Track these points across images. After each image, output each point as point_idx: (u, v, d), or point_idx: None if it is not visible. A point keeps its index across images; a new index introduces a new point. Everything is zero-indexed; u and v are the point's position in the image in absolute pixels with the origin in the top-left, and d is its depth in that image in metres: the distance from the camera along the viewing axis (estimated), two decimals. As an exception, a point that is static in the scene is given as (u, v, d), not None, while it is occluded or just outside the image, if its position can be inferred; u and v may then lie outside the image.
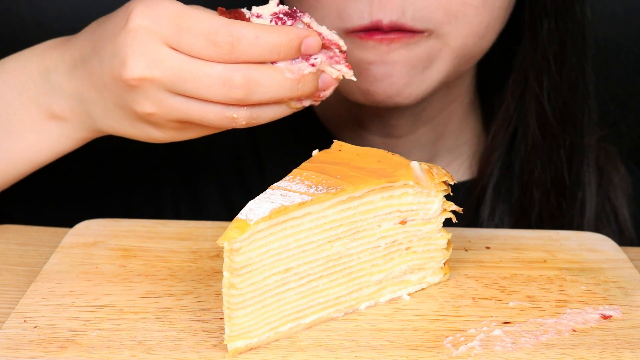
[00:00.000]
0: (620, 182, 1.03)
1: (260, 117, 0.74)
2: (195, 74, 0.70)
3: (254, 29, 0.70)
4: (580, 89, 0.98)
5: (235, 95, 0.70)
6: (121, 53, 0.72)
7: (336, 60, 0.75)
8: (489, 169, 1.00)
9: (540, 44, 0.96)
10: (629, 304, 0.72)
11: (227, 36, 0.69)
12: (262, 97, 0.71)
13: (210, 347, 0.65)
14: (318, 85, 0.74)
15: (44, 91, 0.79)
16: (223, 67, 0.70)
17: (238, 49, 0.70)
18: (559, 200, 0.98)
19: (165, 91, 0.72)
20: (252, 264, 0.64)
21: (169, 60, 0.71)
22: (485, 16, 0.88)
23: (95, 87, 0.75)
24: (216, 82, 0.70)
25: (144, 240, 0.79)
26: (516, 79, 0.98)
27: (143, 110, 0.73)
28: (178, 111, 0.73)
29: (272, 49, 0.71)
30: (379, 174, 0.69)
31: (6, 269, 0.78)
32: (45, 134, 0.80)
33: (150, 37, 0.71)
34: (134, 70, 0.71)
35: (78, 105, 0.78)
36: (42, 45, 0.81)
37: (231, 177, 1.03)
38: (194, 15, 0.70)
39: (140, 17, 0.71)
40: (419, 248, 0.73)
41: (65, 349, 0.64)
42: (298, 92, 0.73)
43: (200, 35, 0.70)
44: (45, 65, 0.79)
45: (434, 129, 1.01)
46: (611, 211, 1.01)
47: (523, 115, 0.98)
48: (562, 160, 0.97)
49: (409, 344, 0.66)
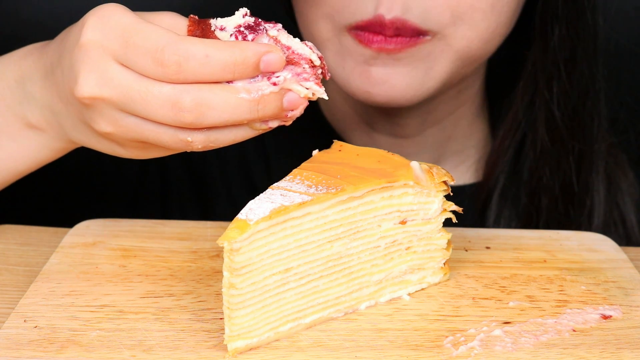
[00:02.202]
0: (628, 188, 1.02)
1: (219, 141, 0.68)
2: (143, 94, 0.65)
3: (204, 47, 0.65)
4: (590, 95, 0.97)
5: (184, 119, 0.65)
6: (75, 69, 0.68)
7: (305, 77, 0.68)
8: (495, 174, 1.00)
9: (551, 49, 0.95)
10: (629, 304, 0.72)
11: (173, 55, 0.64)
12: (216, 120, 0.66)
13: (210, 347, 0.65)
14: (283, 105, 0.67)
15: (20, 100, 0.76)
16: (171, 88, 0.65)
17: (186, 69, 0.64)
18: (567, 207, 0.98)
19: (119, 110, 0.68)
20: (252, 264, 0.64)
21: (117, 79, 0.66)
22: (492, 21, 0.87)
23: (62, 100, 0.72)
24: (164, 104, 0.65)
25: (144, 240, 0.79)
26: (526, 84, 0.97)
27: (100, 129, 0.69)
28: (133, 132, 0.68)
29: (224, 68, 0.65)
30: (379, 174, 0.69)
31: (6, 269, 0.78)
32: (24, 144, 0.77)
33: (100, 53, 0.67)
34: (84, 88, 0.67)
35: (51, 116, 0.75)
36: (20, 51, 0.78)
37: (238, 177, 1.03)
38: (142, 31, 0.65)
39: (91, 31, 0.67)
40: (419, 248, 0.73)
41: (65, 349, 0.64)
42: (258, 113, 0.66)
43: (147, 53, 0.65)
44: (21, 72, 0.76)
45: (442, 131, 1.01)
46: (619, 217, 1.01)
47: (532, 121, 0.97)
48: (571, 167, 0.97)
49: (409, 344, 0.66)
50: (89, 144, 0.74)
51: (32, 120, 0.76)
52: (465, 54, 0.88)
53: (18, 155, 0.78)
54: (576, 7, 0.95)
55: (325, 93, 0.68)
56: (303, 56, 0.67)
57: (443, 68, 0.88)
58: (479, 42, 0.88)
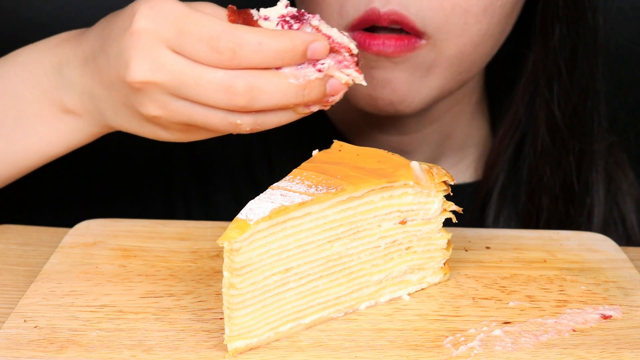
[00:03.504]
0: (628, 188, 1.02)
1: (265, 123, 0.72)
2: (197, 79, 0.69)
3: (257, 35, 0.69)
4: (591, 95, 0.97)
5: (237, 102, 0.69)
6: (125, 55, 0.71)
7: (345, 64, 0.72)
8: (495, 173, 1.00)
9: (551, 49, 0.95)
10: (629, 304, 0.72)
11: (228, 42, 0.68)
12: (266, 104, 0.70)
13: (210, 347, 0.65)
14: (326, 90, 0.72)
15: (57, 85, 0.78)
16: (225, 74, 0.69)
17: (240, 56, 0.68)
18: (567, 207, 0.98)
19: (169, 95, 0.71)
20: (252, 264, 0.64)
21: (171, 65, 0.70)
22: (484, 24, 0.87)
23: (104, 85, 0.75)
24: (218, 88, 0.69)
25: (144, 240, 0.79)
26: (526, 83, 0.97)
27: (148, 112, 0.72)
28: (182, 115, 0.72)
29: (275, 55, 0.69)
30: (379, 174, 0.69)
31: (6, 269, 0.78)
32: (58, 128, 0.79)
33: (153, 40, 0.70)
34: (136, 73, 0.70)
35: (89, 101, 0.77)
36: (55, 38, 0.81)
37: (243, 178, 1.03)
38: (197, 19, 0.69)
39: (144, 19, 0.70)
40: (419, 248, 0.73)
41: (65, 349, 0.64)
42: (304, 98, 0.71)
43: (201, 40, 0.69)
44: (58, 59, 0.79)
45: (441, 129, 1.01)
46: (619, 217, 1.01)
47: (533, 120, 0.97)
48: (572, 167, 0.97)
49: (409, 344, 0.66)
50: (129, 128, 0.77)
51: (69, 106, 0.78)
52: (458, 59, 0.88)
53: (51, 139, 0.80)
54: (577, 7, 0.94)
55: (364, 80, 0.73)
56: (343, 45, 0.72)
57: (439, 75, 0.88)
58: (470, 45, 0.88)
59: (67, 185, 1.01)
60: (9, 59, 0.82)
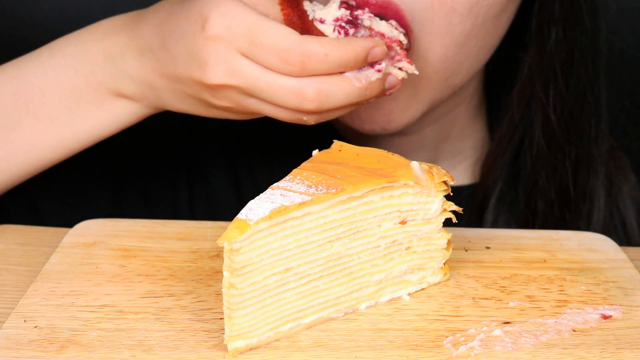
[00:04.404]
0: (629, 191, 1.02)
1: (328, 117, 0.79)
2: (270, 84, 0.75)
3: (323, 46, 0.74)
4: (588, 99, 0.96)
5: (307, 107, 0.76)
6: (199, 59, 0.76)
7: (398, 58, 0.78)
8: (492, 176, 0.99)
9: (547, 53, 0.94)
10: (629, 304, 0.72)
11: (297, 55, 0.74)
12: (332, 106, 0.76)
13: (210, 347, 0.65)
14: (384, 87, 0.79)
15: (112, 75, 0.82)
16: (296, 81, 0.75)
17: (308, 66, 0.74)
18: (562, 212, 0.97)
19: (243, 94, 0.77)
20: (252, 264, 0.64)
21: (245, 71, 0.75)
22: (468, 24, 0.86)
23: (167, 77, 0.79)
24: (289, 93, 0.75)
25: (144, 240, 0.79)
26: (522, 87, 0.96)
27: (221, 105, 0.78)
28: (253, 108, 0.78)
29: (339, 63, 0.75)
30: (379, 174, 0.69)
31: (6, 269, 0.78)
32: (112, 111, 0.83)
33: (227, 47, 0.75)
34: (213, 77, 0.75)
35: (148, 89, 0.81)
36: (101, 28, 0.84)
37: (243, 178, 1.03)
38: (266, 30, 0.74)
39: (218, 27, 0.75)
40: (419, 248, 0.73)
41: (65, 349, 0.64)
42: (366, 97, 0.77)
43: (272, 52, 0.74)
44: (110, 50, 0.82)
45: (439, 131, 1.00)
46: (619, 220, 1.00)
47: (529, 124, 0.97)
48: (568, 172, 0.97)
49: (409, 344, 0.66)
50: (190, 111, 0.82)
51: (126, 92, 0.83)
52: (442, 64, 0.87)
53: (103, 121, 0.84)
54: (573, 10, 0.93)
55: (416, 69, 0.80)
56: (393, 39, 0.78)
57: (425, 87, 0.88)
58: (455, 46, 0.86)
59: (71, 185, 1.01)
60: (56, 51, 0.84)
